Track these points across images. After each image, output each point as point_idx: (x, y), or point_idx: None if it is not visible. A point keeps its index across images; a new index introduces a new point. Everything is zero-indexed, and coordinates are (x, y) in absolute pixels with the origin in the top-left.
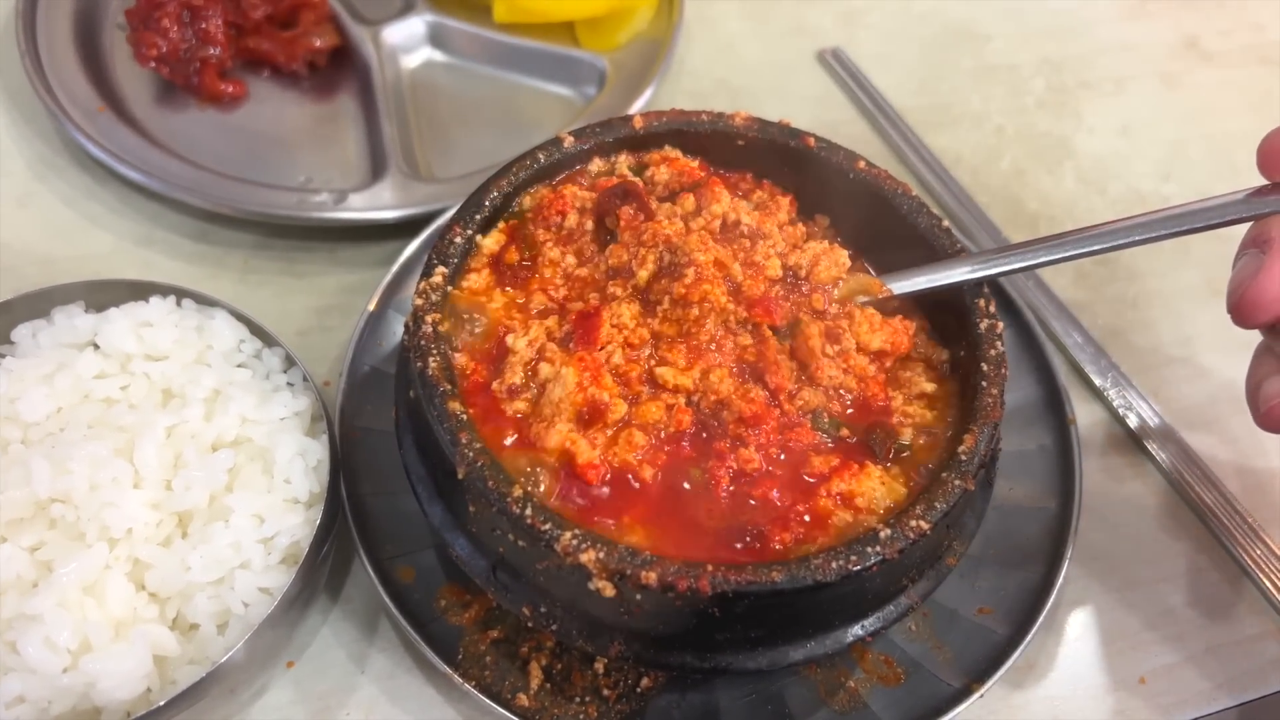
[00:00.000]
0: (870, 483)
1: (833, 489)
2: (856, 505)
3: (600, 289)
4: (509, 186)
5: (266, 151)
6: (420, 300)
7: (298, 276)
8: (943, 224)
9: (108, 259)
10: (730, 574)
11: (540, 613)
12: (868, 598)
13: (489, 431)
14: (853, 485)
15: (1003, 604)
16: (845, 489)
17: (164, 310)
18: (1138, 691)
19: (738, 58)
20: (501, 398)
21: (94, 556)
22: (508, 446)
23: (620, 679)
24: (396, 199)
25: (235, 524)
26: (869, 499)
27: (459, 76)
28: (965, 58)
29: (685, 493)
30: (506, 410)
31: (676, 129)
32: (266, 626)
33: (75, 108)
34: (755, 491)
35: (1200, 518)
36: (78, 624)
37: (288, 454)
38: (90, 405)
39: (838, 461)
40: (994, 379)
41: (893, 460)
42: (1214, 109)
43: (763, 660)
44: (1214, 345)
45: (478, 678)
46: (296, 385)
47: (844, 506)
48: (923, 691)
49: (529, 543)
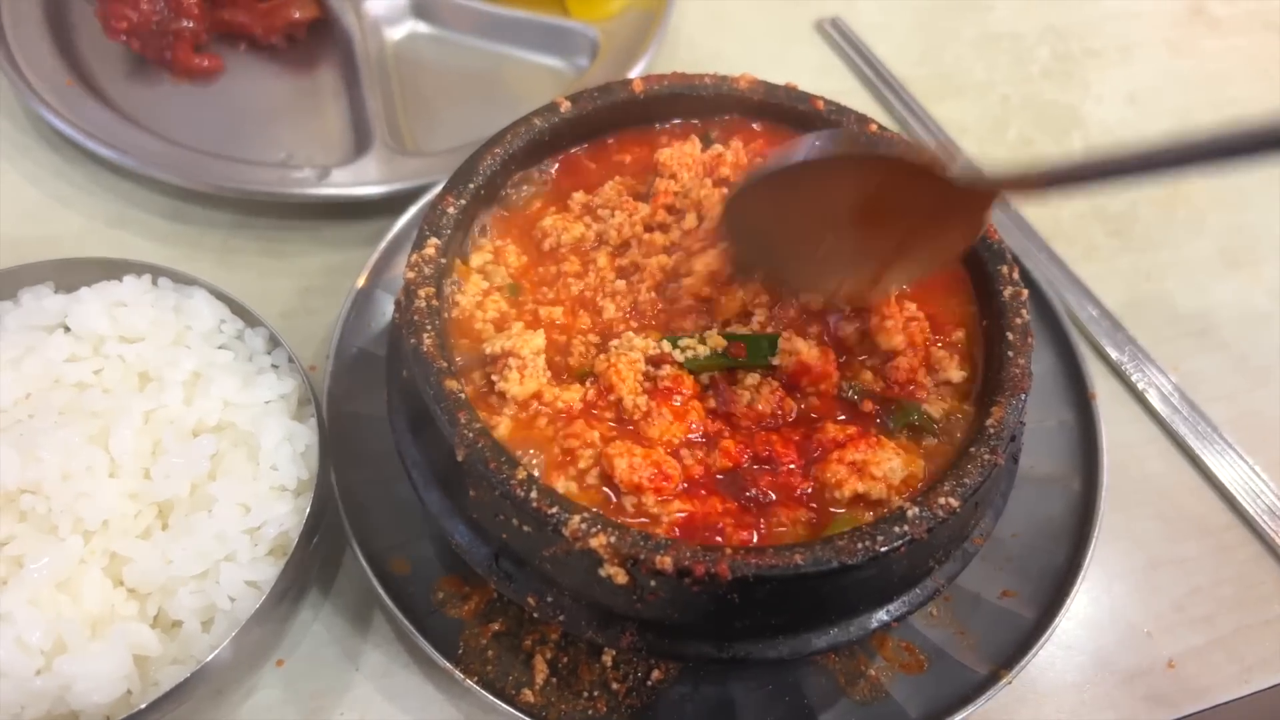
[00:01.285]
0: (885, 453)
1: (846, 457)
2: (871, 475)
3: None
4: (504, 154)
5: (244, 127)
6: (412, 274)
7: (279, 257)
8: None
9: (78, 240)
10: (751, 557)
11: (546, 603)
12: (893, 581)
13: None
14: (867, 455)
15: (1026, 586)
16: (860, 458)
17: (139, 289)
18: (1167, 676)
19: (734, 27)
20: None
21: (68, 550)
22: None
23: (630, 672)
24: (381, 174)
25: (219, 514)
26: (884, 470)
27: (445, 48)
28: (967, 26)
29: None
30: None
31: (678, 93)
32: (254, 623)
33: (42, 82)
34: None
35: (1223, 495)
36: (51, 623)
37: (274, 439)
38: (61, 390)
39: (854, 430)
40: (1020, 349)
41: (910, 435)
42: (1221, 76)
43: (784, 649)
44: (1232, 317)
45: (480, 673)
46: (281, 367)
47: (857, 475)
48: (948, 679)
49: (534, 528)
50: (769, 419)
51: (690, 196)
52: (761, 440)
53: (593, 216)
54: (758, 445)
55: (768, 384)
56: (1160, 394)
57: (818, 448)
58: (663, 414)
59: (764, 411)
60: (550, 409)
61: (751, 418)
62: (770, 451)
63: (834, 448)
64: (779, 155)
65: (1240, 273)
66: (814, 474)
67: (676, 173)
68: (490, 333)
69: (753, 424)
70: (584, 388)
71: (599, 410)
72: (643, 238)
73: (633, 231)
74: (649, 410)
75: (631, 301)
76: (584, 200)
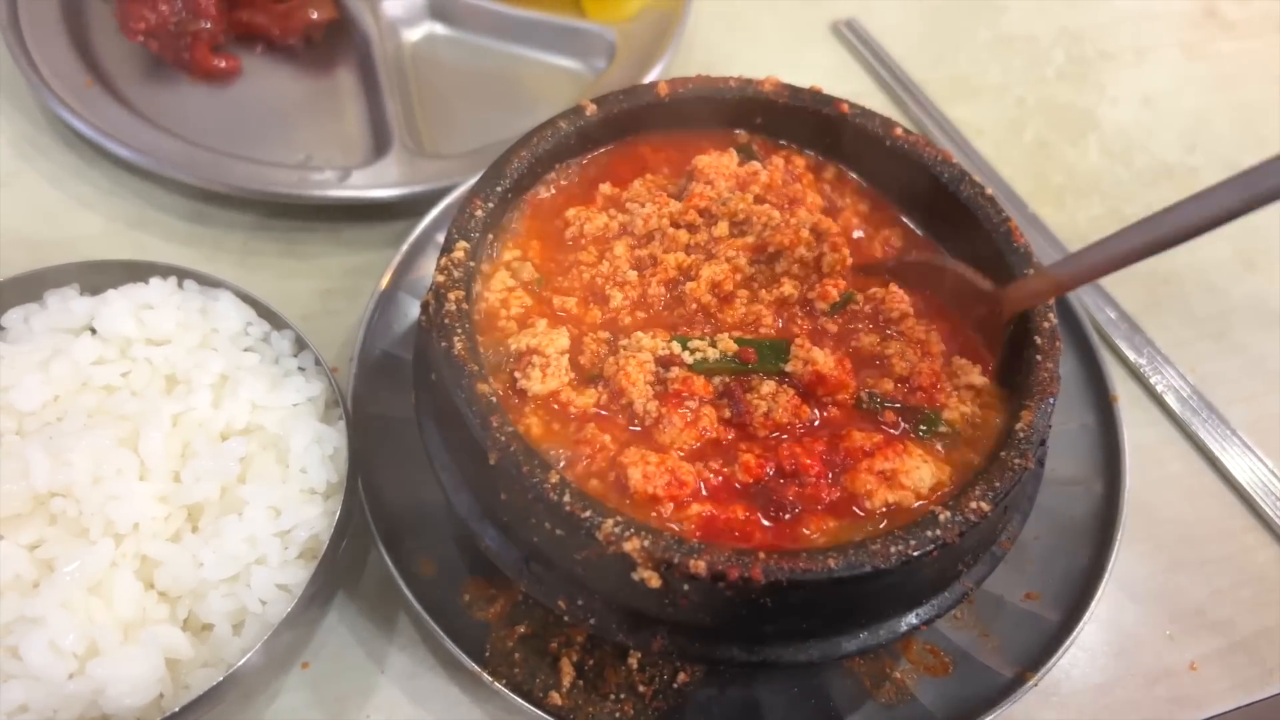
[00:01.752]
0: (913, 461)
1: (875, 466)
2: (901, 484)
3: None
4: (530, 157)
5: (263, 128)
6: (442, 276)
7: (300, 258)
8: (986, 192)
9: (98, 241)
10: (784, 562)
11: (577, 606)
12: (923, 584)
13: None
14: (896, 464)
15: (1050, 588)
16: (889, 468)
17: (165, 292)
18: (1189, 678)
19: (750, 29)
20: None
21: (99, 554)
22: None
23: (656, 674)
24: (401, 176)
25: (249, 517)
26: (913, 479)
27: (462, 50)
28: (982, 28)
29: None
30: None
31: (703, 96)
32: (285, 626)
33: (61, 83)
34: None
35: (1242, 497)
36: (83, 626)
37: (303, 442)
38: (89, 393)
39: (880, 439)
40: (1049, 352)
41: (935, 442)
42: (1236, 79)
43: (814, 652)
44: (1250, 319)
45: (507, 675)
46: (308, 369)
47: (886, 484)
48: (973, 682)
49: (567, 531)
50: (786, 428)
51: (728, 205)
52: (786, 453)
53: (618, 208)
54: (781, 458)
55: (784, 392)
56: (1179, 396)
57: (844, 455)
58: (673, 421)
59: (781, 421)
60: (564, 410)
61: (768, 427)
62: (795, 465)
63: (862, 456)
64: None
65: (1258, 274)
66: (843, 483)
67: (713, 180)
68: (514, 329)
69: (769, 433)
70: (597, 391)
71: (611, 413)
72: (668, 231)
73: (659, 224)
74: (659, 416)
75: (641, 293)
76: (610, 193)
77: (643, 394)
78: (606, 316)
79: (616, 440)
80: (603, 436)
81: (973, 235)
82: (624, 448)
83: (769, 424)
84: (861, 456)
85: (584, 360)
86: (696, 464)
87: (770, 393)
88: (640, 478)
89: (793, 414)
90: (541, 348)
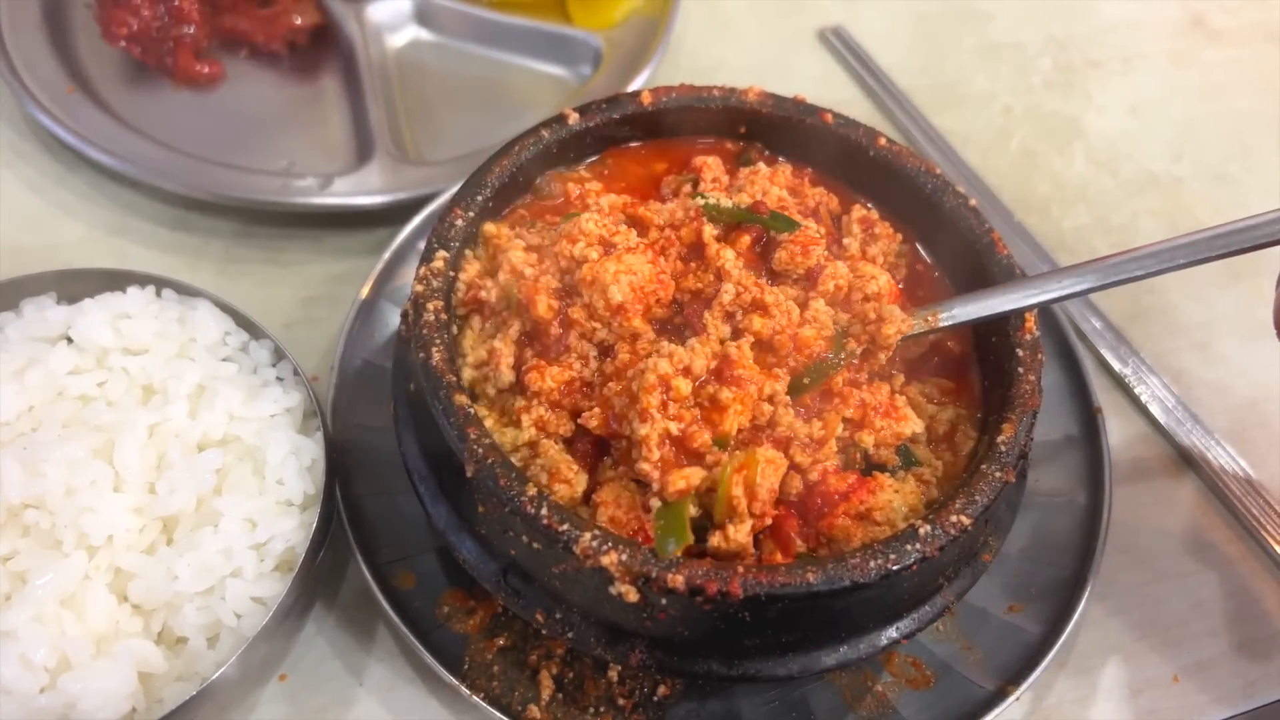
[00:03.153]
0: (885, 495)
1: (852, 510)
2: (875, 520)
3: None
4: (512, 166)
5: (246, 135)
6: (421, 286)
7: (282, 266)
8: (970, 203)
9: (79, 249)
10: (763, 576)
11: (555, 619)
12: (904, 598)
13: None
14: (870, 502)
15: (1032, 601)
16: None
17: (143, 301)
18: (1171, 691)
19: (737, 36)
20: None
21: (72, 566)
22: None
23: (636, 687)
24: (385, 183)
25: (225, 529)
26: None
27: (447, 56)
28: (969, 36)
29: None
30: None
31: (687, 105)
32: (261, 639)
33: (42, 89)
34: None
35: (1228, 508)
36: (55, 640)
37: (280, 453)
38: (65, 403)
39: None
40: (1030, 364)
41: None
42: (1223, 88)
43: (793, 666)
44: (1235, 329)
45: (485, 688)
46: (286, 379)
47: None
48: (954, 695)
49: (545, 545)
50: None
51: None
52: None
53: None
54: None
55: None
56: (1164, 407)
57: (819, 500)
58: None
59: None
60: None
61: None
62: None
63: (838, 501)
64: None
65: (1242, 284)
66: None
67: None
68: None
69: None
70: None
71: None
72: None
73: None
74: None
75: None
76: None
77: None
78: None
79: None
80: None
81: (956, 246)
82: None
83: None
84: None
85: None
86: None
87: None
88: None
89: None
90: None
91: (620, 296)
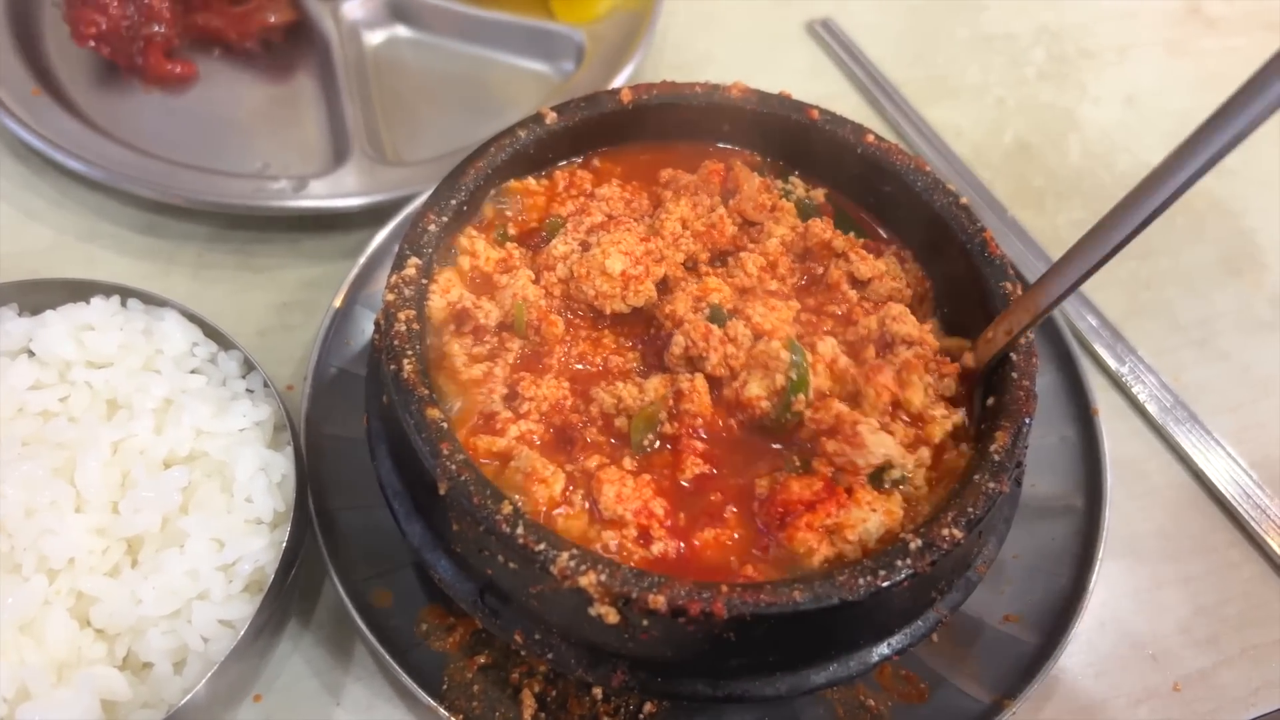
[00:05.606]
0: (860, 512)
1: (816, 522)
2: (846, 538)
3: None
4: (487, 168)
5: (219, 136)
6: (392, 295)
7: (256, 271)
8: (960, 201)
9: (47, 256)
10: (748, 595)
11: (534, 640)
12: (894, 614)
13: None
14: (840, 518)
15: (1029, 610)
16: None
17: (107, 312)
18: (1172, 699)
19: (723, 29)
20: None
21: (31, 591)
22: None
23: (621, 705)
24: (361, 185)
25: (191, 549)
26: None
27: (426, 53)
28: (960, 26)
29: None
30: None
31: (668, 103)
32: (230, 662)
33: (6, 91)
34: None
35: (1228, 510)
36: (13, 668)
37: (248, 469)
38: (25, 419)
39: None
40: (1025, 370)
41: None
42: (1220, 77)
43: (781, 686)
44: (1234, 325)
45: (465, 709)
46: (257, 391)
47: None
48: (949, 709)
49: (521, 564)
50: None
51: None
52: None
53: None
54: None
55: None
56: (1162, 407)
57: (781, 509)
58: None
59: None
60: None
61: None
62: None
63: (802, 510)
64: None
65: (1241, 280)
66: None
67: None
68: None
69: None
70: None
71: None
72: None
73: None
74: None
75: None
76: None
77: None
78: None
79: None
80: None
81: (947, 247)
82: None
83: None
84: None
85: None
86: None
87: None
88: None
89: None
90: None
91: (620, 266)
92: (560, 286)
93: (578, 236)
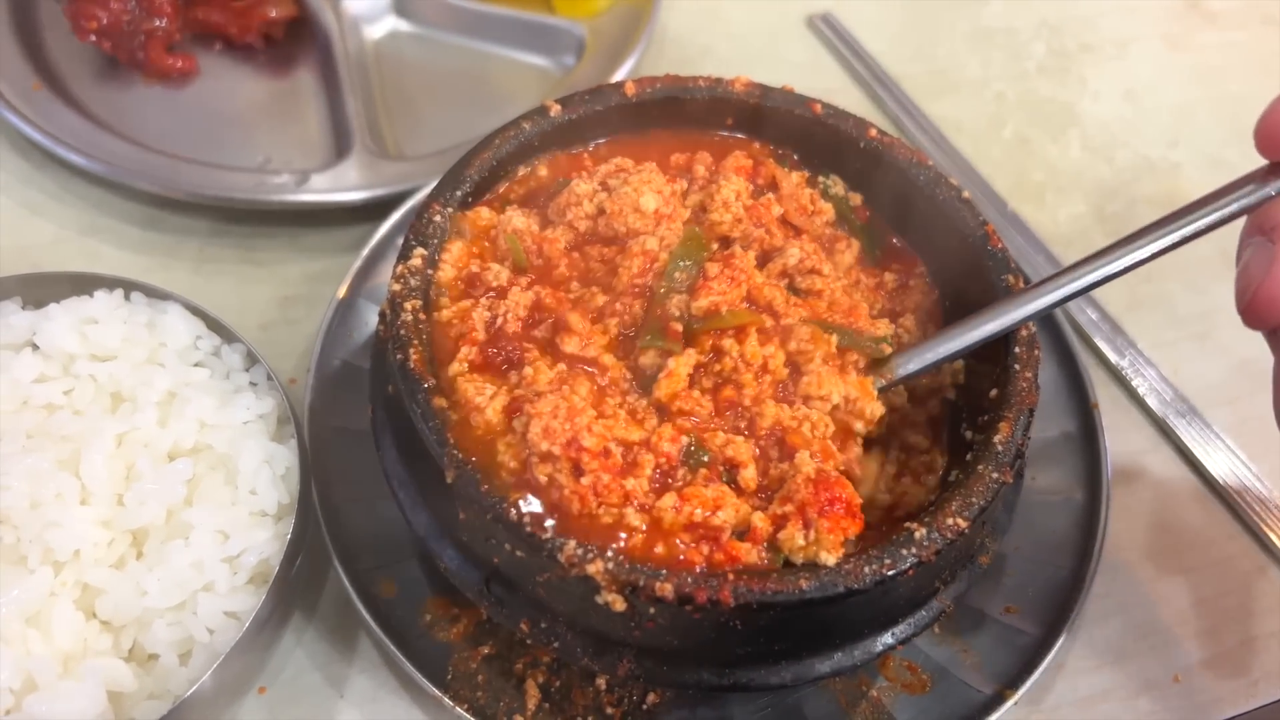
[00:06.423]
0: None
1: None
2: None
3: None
4: (492, 160)
5: (220, 131)
6: (398, 285)
7: (258, 265)
8: (963, 195)
9: (49, 250)
10: (754, 583)
11: (540, 628)
12: (899, 603)
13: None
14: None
15: (1030, 602)
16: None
17: (110, 305)
18: (1171, 691)
19: (723, 24)
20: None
21: (37, 583)
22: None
23: (624, 695)
24: (363, 179)
25: (196, 542)
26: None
27: (427, 47)
28: (961, 21)
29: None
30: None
31: (672, 96)
32: (235, 654)
33: (8, 86)
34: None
35: (1227, 503)
36: (20, 660)
37: (253, 461)
38: (29, 412)
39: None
40: (1027, 361)
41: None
42: (1219, 71)
43: (786, 675)
44: (1234, 319)
45: (469, 699)
46: (260, 384)
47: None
48: (952, 699)
49: (528, 553)
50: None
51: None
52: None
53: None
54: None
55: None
56: (1162, 400)
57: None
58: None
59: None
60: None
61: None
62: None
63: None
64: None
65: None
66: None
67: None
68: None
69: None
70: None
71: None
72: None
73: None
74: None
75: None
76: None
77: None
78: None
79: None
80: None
81: (949, 239)
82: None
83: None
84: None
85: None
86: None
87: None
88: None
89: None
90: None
91: (654, 203)
92: (587, 222)
93: (596, 180)
